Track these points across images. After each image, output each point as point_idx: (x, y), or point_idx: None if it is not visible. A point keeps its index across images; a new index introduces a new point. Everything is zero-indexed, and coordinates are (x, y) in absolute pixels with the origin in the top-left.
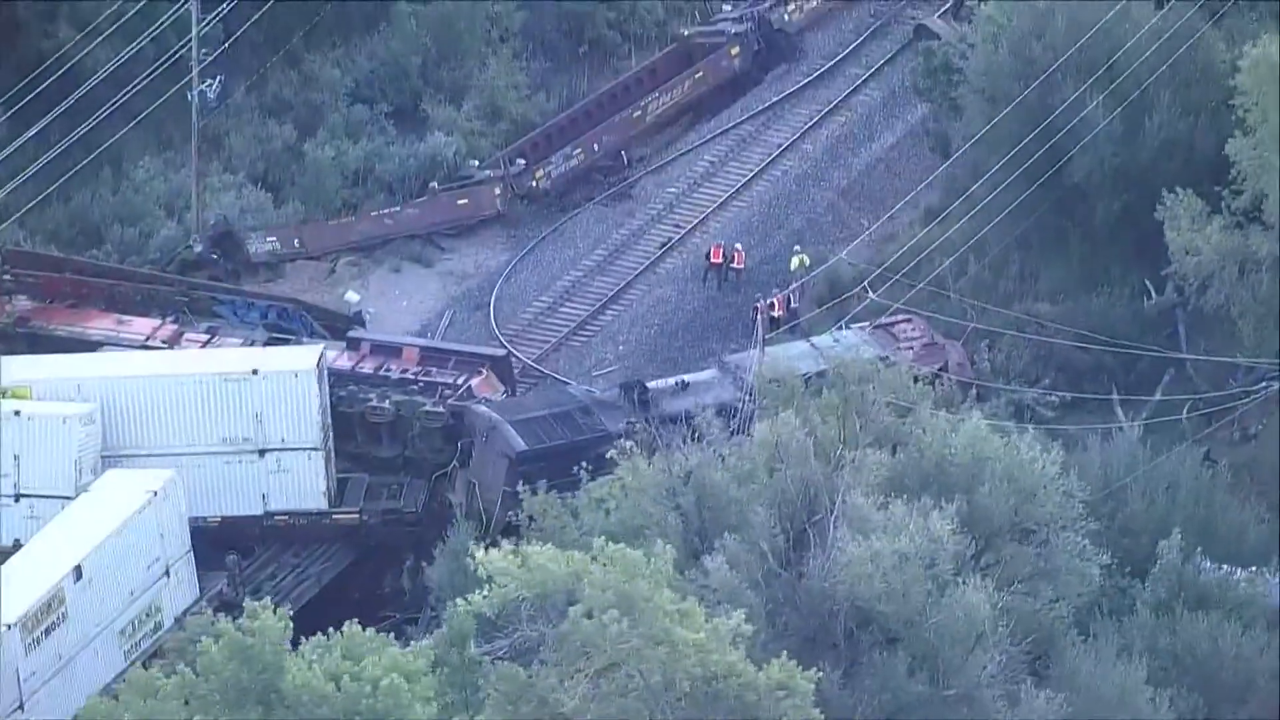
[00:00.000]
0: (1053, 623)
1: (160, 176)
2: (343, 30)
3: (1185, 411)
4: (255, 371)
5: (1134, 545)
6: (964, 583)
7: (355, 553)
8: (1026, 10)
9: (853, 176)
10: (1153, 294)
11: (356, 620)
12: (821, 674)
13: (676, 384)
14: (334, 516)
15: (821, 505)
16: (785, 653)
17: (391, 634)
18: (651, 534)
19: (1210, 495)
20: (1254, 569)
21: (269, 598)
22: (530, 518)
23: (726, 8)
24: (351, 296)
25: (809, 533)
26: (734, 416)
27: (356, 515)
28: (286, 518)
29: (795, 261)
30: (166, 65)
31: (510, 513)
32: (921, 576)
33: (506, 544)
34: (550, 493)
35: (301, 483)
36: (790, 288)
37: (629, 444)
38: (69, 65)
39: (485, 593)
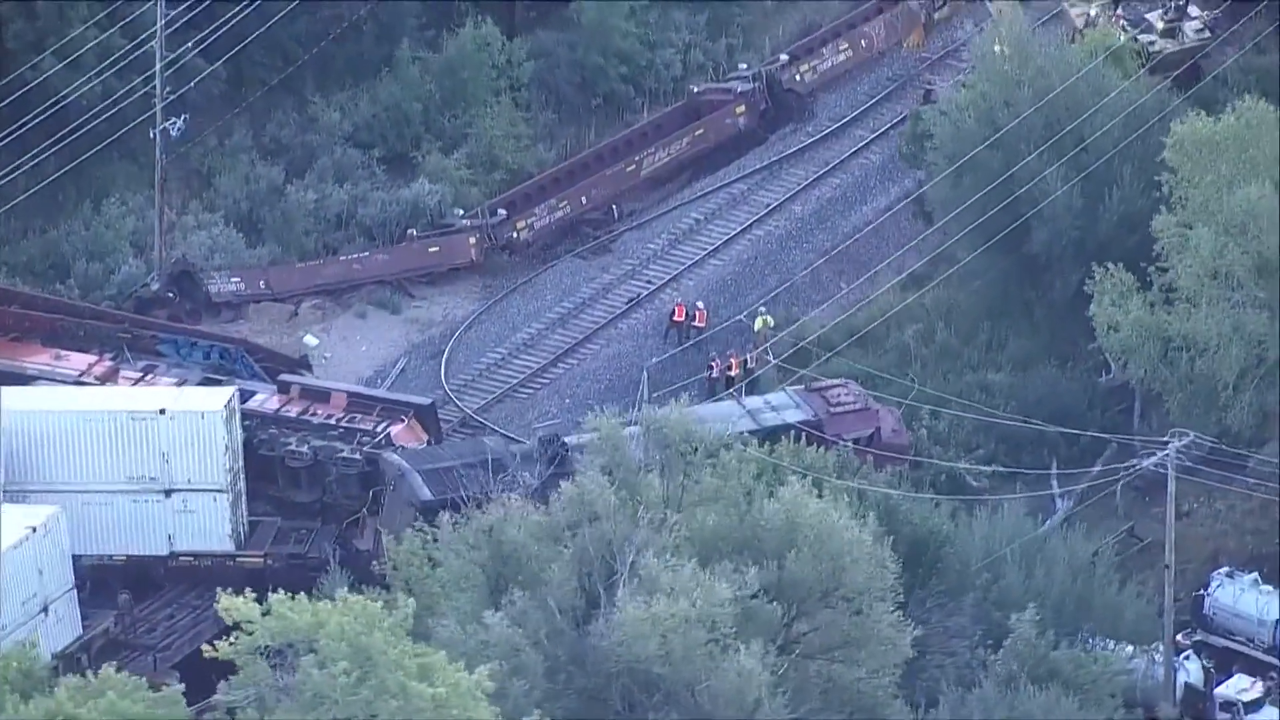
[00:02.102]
0: (875, 693)
1: (135, 213)
2: (354, 73)
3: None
4: (163, 411)
5: (1005, 619)
6: (742, 649)
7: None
8: (997, 79)
9: (837, 239)
10: (1112, 367)
11: None
12: None
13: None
14: (239, 559)
15: (621, 565)
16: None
17: None
18: (465, 587)
19: (1090, 572)
20: (1136, 648)
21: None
22: (394, 566)
23: (742, 66)
24: (310, 340)
25: (602, 592)
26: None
27: (261, 559)
28: (191, 558)
29: (759, 322)
30: (137, 100)
31: (375, 561)
32: (701, 640)
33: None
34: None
35: (207, 524)
36: (749, 349)
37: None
38: (56, 98)
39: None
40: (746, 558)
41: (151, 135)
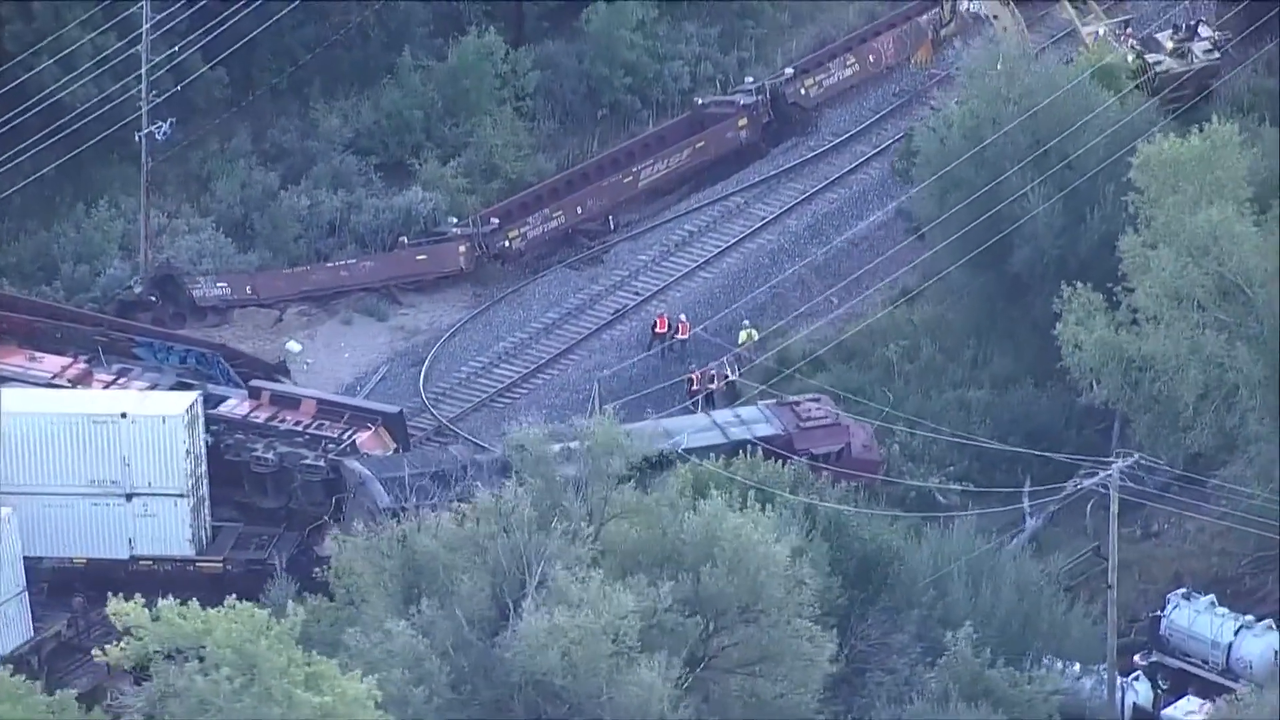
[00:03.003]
0: (797, 708)
1: (126, 216)
2: (360, 79)
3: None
4: (124, 415)
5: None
6: (643, 662)
7: (220, 602)
8: (985, 96)
9: (831, 254)
10: (1094, 386)
11: None
12: None
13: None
14: (198, 564)
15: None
16: None
17: None
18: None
19: (1038, 591)
20: (1083, 667)
21: None
22: (336, 574)
23: (749, 79)
24: (293, 346)
25: (510, 604)
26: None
27: (220, 564)
28: (151, 563)
29: (743, 335)
30: (132, 102)
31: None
32: (606, 652)
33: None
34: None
35: (167, 528)
36: (720, 361)
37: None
38: (51, 99)
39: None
40: (666, 571)
41: (137, 138)
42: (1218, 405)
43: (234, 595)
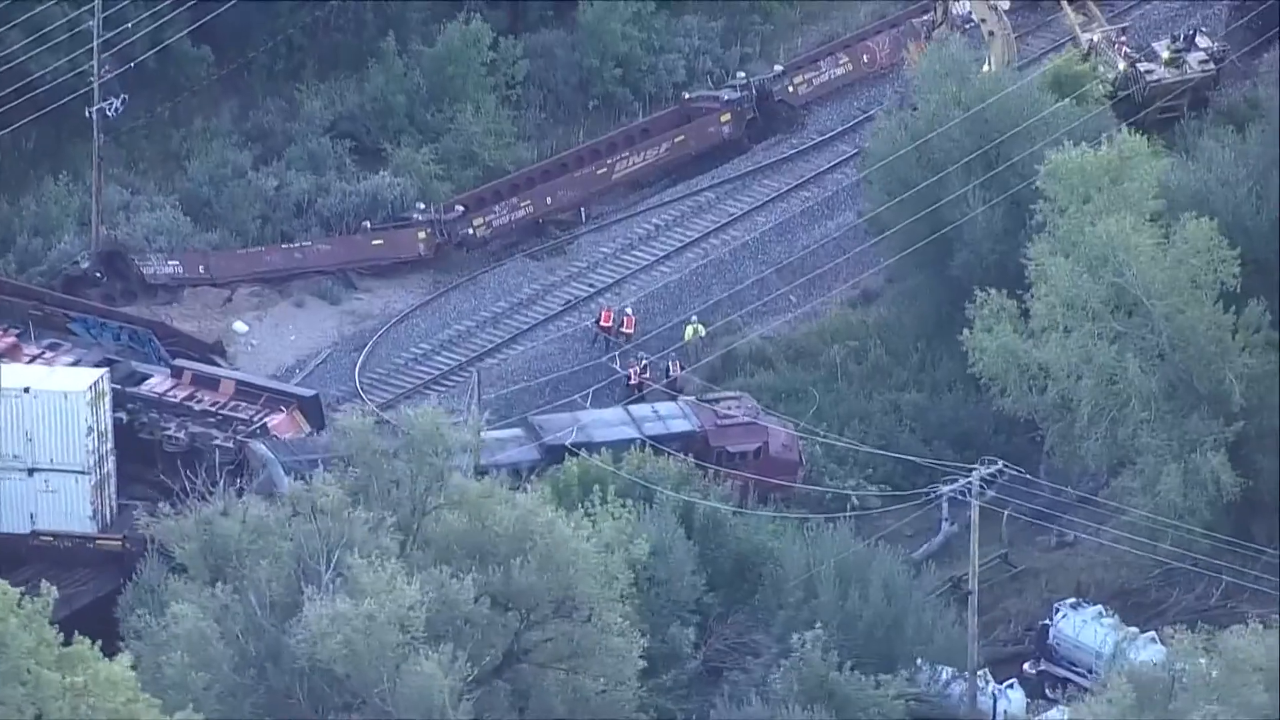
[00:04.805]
0: (616, 705)
1: (89, 190)
2: (353, 64)
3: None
4: (27, 390)
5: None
6: (425, 653)
7: (119, 580)
8: (933, 96)
9: (795, 253)
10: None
11: None
12: None
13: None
14: (97, 541)
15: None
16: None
17: None
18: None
19: (906, 595)
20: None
21: None
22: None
23: (740, 75)
24: (239, 327)
25: (305, 590)
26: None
27: (120, 542)
28: (51, 538)
29: (689, 331)
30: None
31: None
32: (393, 642)
33: None
34: None
35: (69, 504)
36: (650, 357)
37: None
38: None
39: None
40: (478, 564)
41: (87, 114)
42: (1113, 416)
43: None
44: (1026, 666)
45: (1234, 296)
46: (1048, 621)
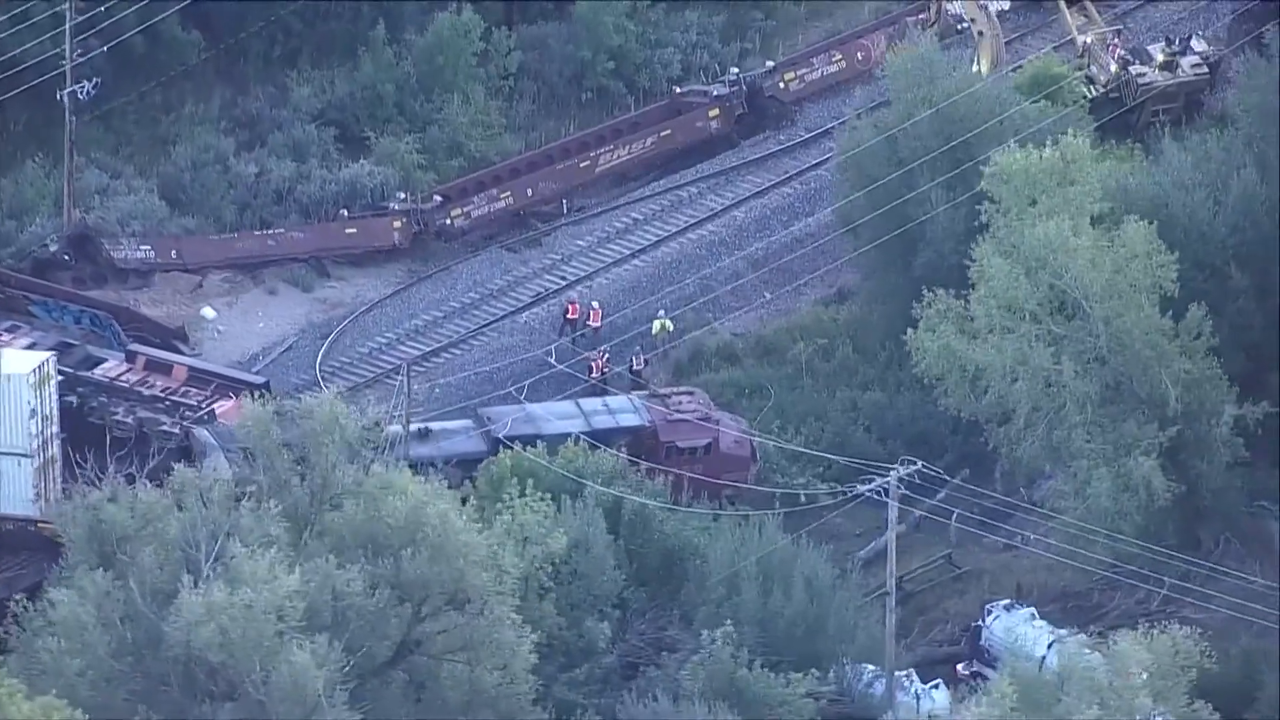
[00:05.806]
0: (513, 698)
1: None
2: (348, 51)
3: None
4: None
5: (742, 635)
6: (297, 643)
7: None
8: (903, 94)
9: (772, 249)
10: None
11: None
12: None
13: (419, 430)
14: (39, 525)
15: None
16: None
17: None
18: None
19: (831, 593)
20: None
21: None
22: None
23: (733, 70)
24: (208, 312)
25: (186, 578)
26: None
27: None
28: None
29: (657, 325)
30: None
31: None
32: (269, 632)
33: None
34: None
35: (11, 488)
36: (601, 349)
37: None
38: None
39: None
40: (371, 555)
41: (59, 97)
42: (1049, 419)
43: None
44: (960, 667)
45: (1174, 301)
46: (980, 623)
